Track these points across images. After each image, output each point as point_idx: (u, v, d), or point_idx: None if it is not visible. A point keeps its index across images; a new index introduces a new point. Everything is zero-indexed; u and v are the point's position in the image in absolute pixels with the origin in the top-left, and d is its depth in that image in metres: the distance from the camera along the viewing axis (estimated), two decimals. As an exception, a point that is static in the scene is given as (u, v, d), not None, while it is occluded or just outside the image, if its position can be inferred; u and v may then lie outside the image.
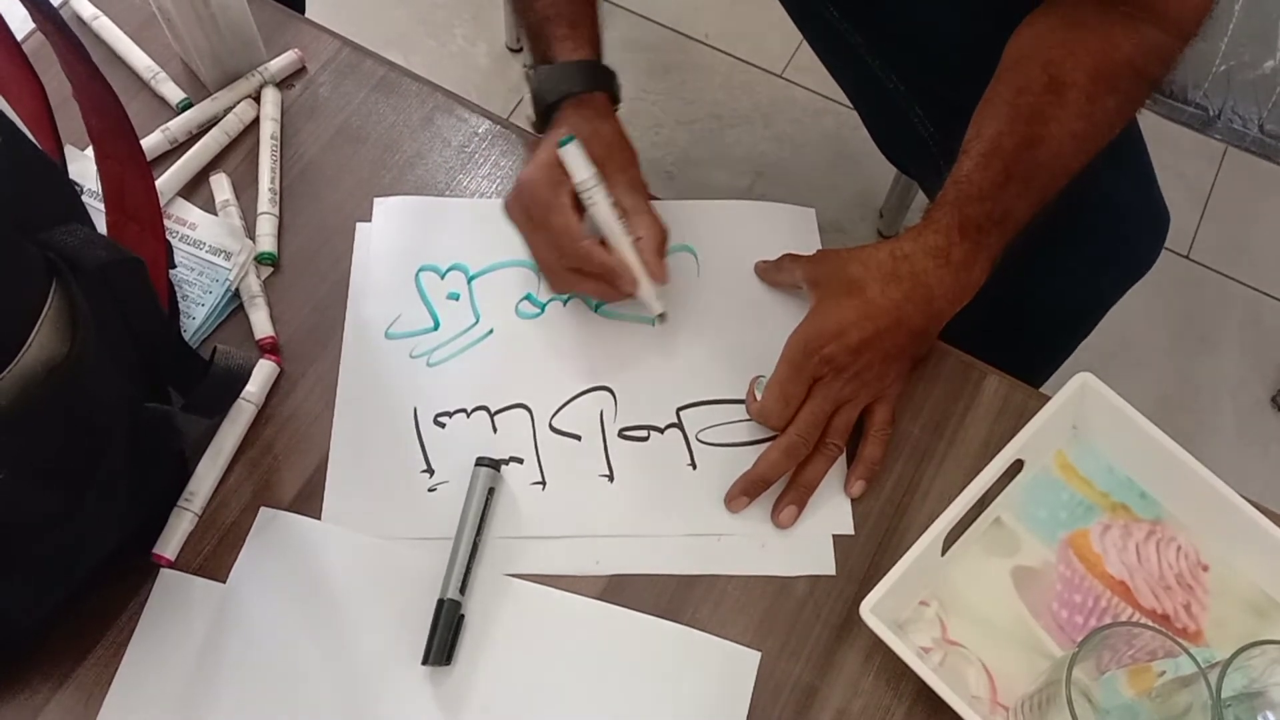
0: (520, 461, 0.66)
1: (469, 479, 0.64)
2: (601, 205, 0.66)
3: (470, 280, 0.72)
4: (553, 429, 0.68)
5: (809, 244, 0.75)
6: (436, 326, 0.71)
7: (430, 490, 0.65)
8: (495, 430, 0.67)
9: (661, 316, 0.69)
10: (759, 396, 0.66)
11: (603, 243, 0.68)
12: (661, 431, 0.68)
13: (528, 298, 0.72)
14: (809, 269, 0.69)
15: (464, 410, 0.68)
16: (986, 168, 0.66)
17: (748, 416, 0.68)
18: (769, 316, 0.72)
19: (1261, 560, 0.63)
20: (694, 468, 0.67)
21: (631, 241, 0.67)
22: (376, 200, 0.74)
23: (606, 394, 0.69)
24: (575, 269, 0.67)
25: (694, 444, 0.68)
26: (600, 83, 0.71)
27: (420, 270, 0.72)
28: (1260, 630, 0.62)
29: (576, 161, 0.66)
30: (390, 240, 0.73)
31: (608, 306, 0.72)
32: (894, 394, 0.67)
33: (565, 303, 0.72)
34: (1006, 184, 0.66)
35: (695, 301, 0.72)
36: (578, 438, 0.68)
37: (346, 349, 0.69)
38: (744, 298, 0.73)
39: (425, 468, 0.66)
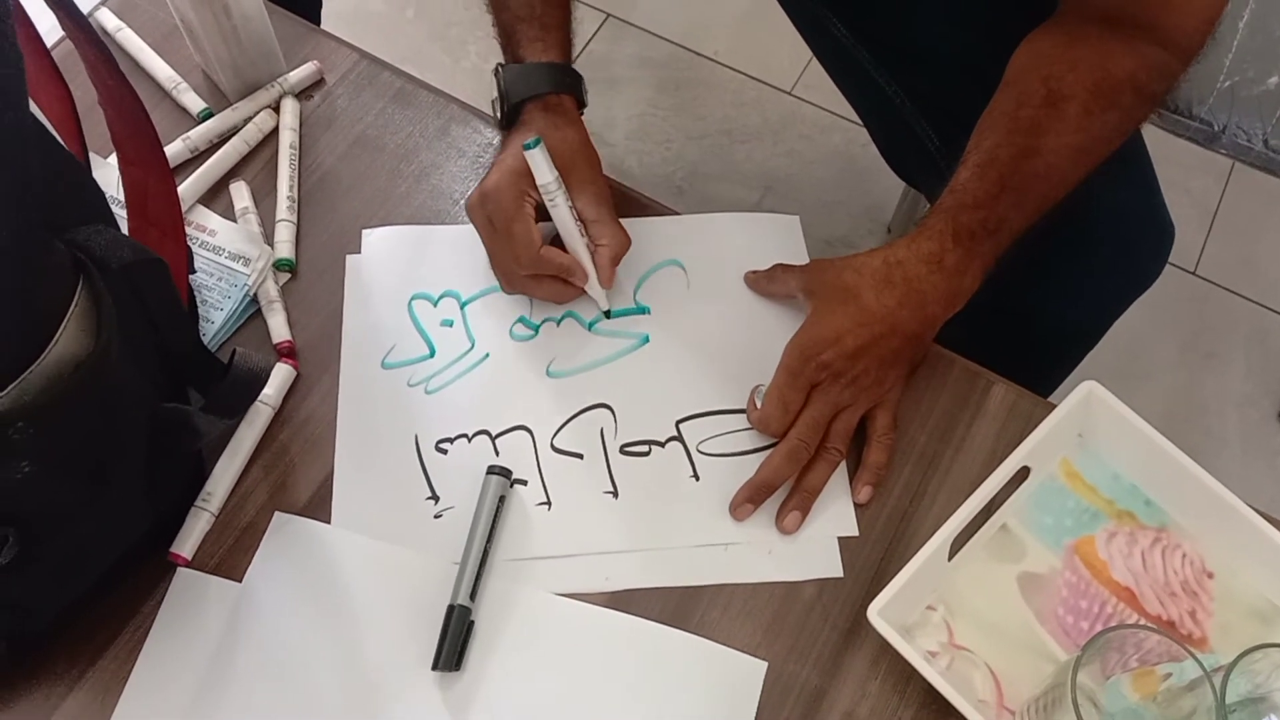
0: (524, 483, 0.67)
1: (475, 502, 0.65)
2: (562, 208, 0.68)
3: (463, 306, 0.73)
4: (554, 449, 0.68)
5: (795, 251, 0.76)
6: (432, 354, 0.71)
7: (436, 517, 0.66)
8: (497, 454, 0.68)
9: (606, 314, 0.72)
10: (759, 405, 0.67)
11: (558, 244, 0.70)
12: (662, 445, 0.69)
13: (521, 320, 0.72)
14: (803, 278, 0.70)
15: (465, 435, 0.68)
16: (982, 177, 0.67)
17: (747, 426, 0.69)
18: (761, 326, 0.73)
19: (1266, 567, 0.63)
20: (697, 479, 0.68)
21: (586, 244, 0.69)
22: (364, 231, 0.75)
23: (605, 411, 0.69)
24: (531, 275, 0.69)
25: (695, 456, 0.68)
26: (567, 85, 0.73)
27: (413, 299, 0.73)
28: (1265, 637, 0.62)
29: (541, 165, 0.67)
30: (381, 271, 0.74)
31: (601, 324, 0.72)
32: (894, 399, 0.68)
33: (559, 323, 0.72)
34: (1001, 194, 0.67)
35: (687, 315, 0.73)
36: (580, 456, 0.68)
37: (343, 381, 0.70)
38: (735, 308, 0.73)
39: (430, 495, 0.66)
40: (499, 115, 0.74)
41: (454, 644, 0.60)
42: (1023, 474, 0.65)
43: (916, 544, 0.62)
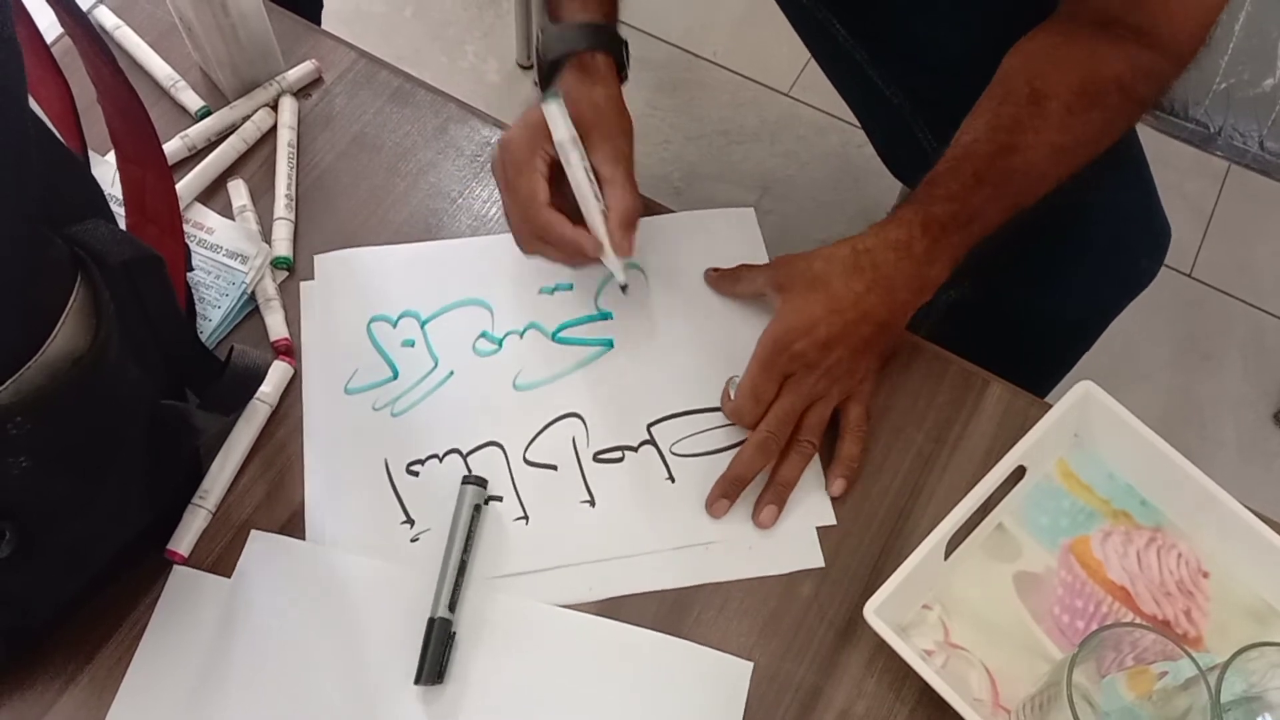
0: (500, 499, 0.66)
1: (450, 522, 0.64)
2: (575, 167, 0.66)
3: (423, 325, 0.72)
4: (527, 462, 0.68)
5: (752, 243, 0.76)
6: (395, 376, 0.70)
7: (413, 541, 0.65)
8: (470, 471, 0.67)
9: (623, 288, 0.70)
10: (733, 396, 0.67)
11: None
12: (635, 450, 0.68)
13: (484, 335, 0.72)
14: (772, 274, 0.70)
15: (435, 456, 0.67)
16: (957, 170, 0.68)
17: (719, 424, 0.69)
18: (725, 322, 0.73)
19: (1262, 568, 0.63)
20: (672, 481, 0.67)
21: (601, 209, 0.67)
22: (317, 257, 0.74)
23: (576, 420, 0.69)
24: (541, 236, 0.68)
25: (669, 457, 0.68)
26: (604, 44, 0.70)
27: (371, 321, 0.72)
28: (1260, 636, 0.63)
29: (556, 119, 0.65)
30: (337, 295, 0.72)
31: (565, 333, 0.72)
32: (866, 392, 0.68)
33: (522, 335, 0.72)
34: (977, 187, 0.67)
35: (649, 317, 0.73)
36: (554, 468, 0.68)
37: (308, 410, 0.68)
38: (698, 307, 0.73)
39: (405, 519, 0.65)
40: (538, 78, 0.72)
41: (436, 657, 0.60)
42: (1019, 473, 0.65)
43: (913, 543, 0.62)
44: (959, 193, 0.66)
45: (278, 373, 0.68)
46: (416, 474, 0.67)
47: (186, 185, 0.74)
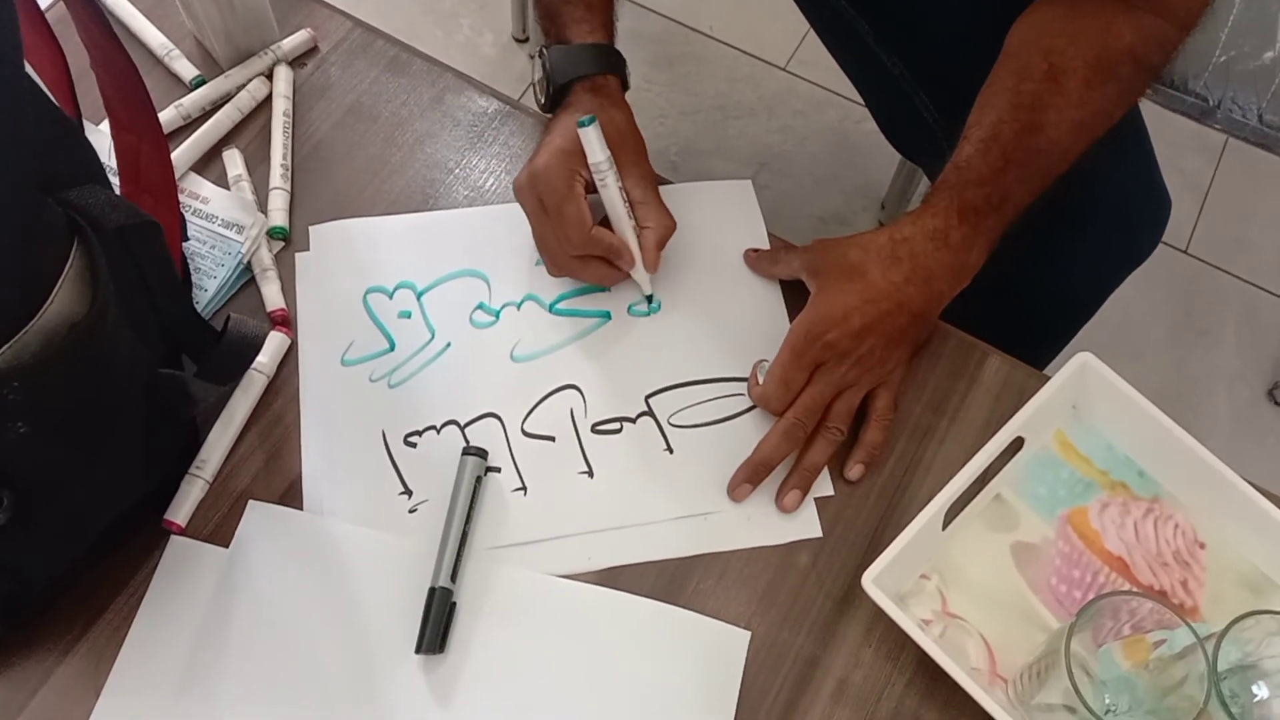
0: (498, 471, 0.66)
1: (448, 494, 0.64)
2: (612, 188, 0.67)
3: (419, 296, 0.72)
4: (525, 434, 0.68)
5: (750, 215, 0.76)
6: (392, 347, 0.70)
7: (411, 511, 0.65)
8: (468, 442, 0.67)
9: (649, 298, 0.71)
10: (761, 380, 0.67)
11: (604, 223, 0.69)
12: (634, 421, 0.68)
13: (481, 306, 0.71)
14: (807, 258, 0.69)
15: (433, 427, 0.67)
16: (986, 153, 0.67)
17: (716, 395, 0.69)
18: (724, 293, 0.73)
19: (1258, 538, 0.63)
20: (670, 452, 0.67)
21: (633, 226, 0.69)
22: (313, 228, 0.73)
23: (574, 392, 0.69)
24: (579, 256, 0.68)
25: (667, 429, 0.68)
26: (613, 66, 0.72)
27: (367, 292, 0.71)
28: (1256, 606, 0.62)
29: (593, 142, 0.66)
30: (332, 266, 0.72)
31: (562, 305, 0.72)
32: (896, 380, 0.68)
33: (519, 307, 0.72)
34: (1005, 169, 0.67)
35: (648, 288, 0.72)
36: (552, 439, 0.67)
37: (305, 381, 0.68)
38: (696, 278, 0.73)
39: (403, 490, 0.65)
40: (543, 98, 0.72)
41: (436, 626, 0.60)
42: (1017, 445, 0.66)
43: (911, 513, 0.62)
44: (989, 176, 0.66)
45: (274, 343, 0.68)
46: (414, 445, 0.67)
47: (181, 155, 0.74)
